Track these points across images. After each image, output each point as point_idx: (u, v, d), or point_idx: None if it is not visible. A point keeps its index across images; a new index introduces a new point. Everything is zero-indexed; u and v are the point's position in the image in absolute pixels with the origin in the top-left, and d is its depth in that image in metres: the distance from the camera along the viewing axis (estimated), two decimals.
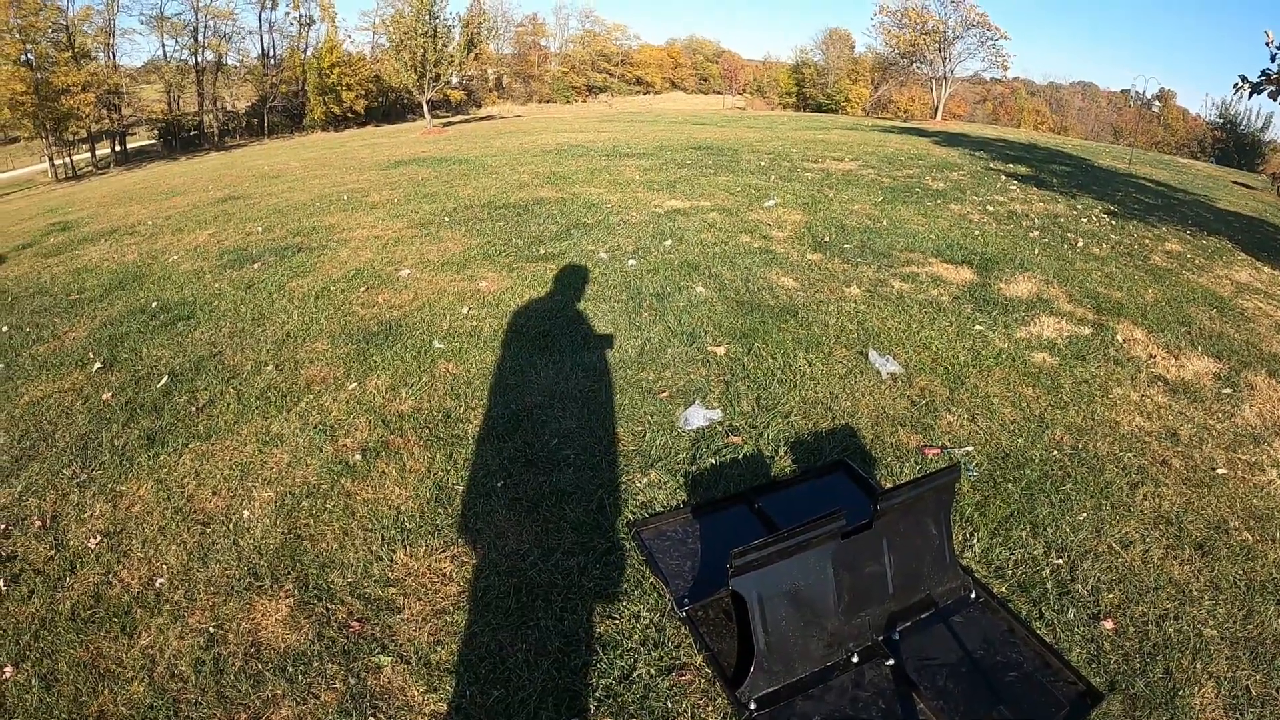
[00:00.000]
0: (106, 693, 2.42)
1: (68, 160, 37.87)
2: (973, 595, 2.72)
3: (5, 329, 5.90)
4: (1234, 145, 43.69)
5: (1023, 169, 14.84)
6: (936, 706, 2.31)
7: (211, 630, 2.66)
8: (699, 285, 6.08)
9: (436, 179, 12.38)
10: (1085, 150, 24.66)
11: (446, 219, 8.81)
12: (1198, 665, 2.51)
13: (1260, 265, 8.09)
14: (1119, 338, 5.28)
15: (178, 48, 46.43)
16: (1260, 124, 43.55)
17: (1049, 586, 2.83)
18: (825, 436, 3.85)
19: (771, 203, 9.51)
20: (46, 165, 37.93)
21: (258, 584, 2.87)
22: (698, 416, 3.97)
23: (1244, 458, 3.85)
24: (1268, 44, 8.03)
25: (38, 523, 3.32)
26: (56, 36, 38.64)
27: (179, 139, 45.31)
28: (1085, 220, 9.45)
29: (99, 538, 3.18)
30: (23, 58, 35.94)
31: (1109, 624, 2.66)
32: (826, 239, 7.64)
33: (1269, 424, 4.24)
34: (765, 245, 7.36)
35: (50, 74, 36.23)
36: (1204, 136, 51.59)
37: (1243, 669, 2.51)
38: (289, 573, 2.92)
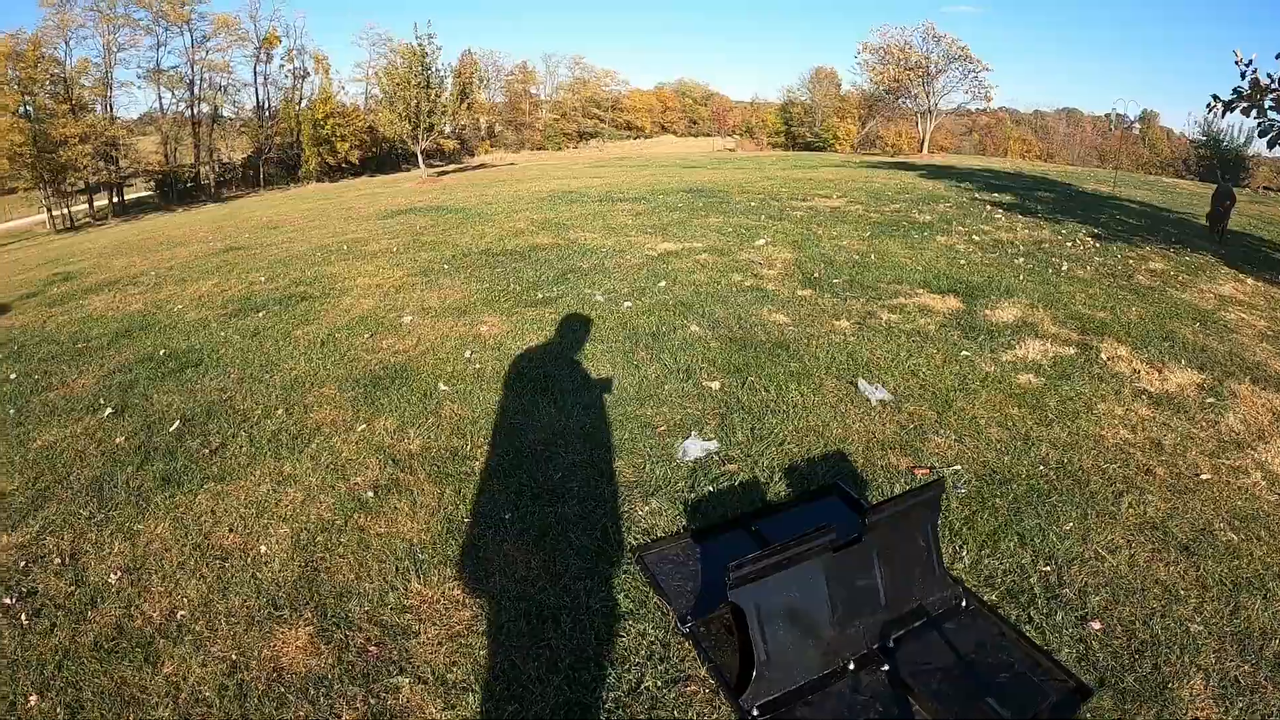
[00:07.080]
0: (131, 718, 2.53)
1: (65, 211, 38.17)
2: (963, 604, 2.84)
3: (14, 376, 6.04)
4: (1218, 162, 43.92)
5: (1008, 198, 15.10)
6: (931, 706, 2.42)
7: (234, 658, 2.77)
8: (693, 324, 6.23)
9: (434, 228, 12.63)
10: (1070, 176, 25.03)
11: (446, 266, 9.01)
12: (1186, 659, 2.62)
13: (1244, 278, 8.30)
14: (1103, 356, 5.43)
15: (174, 100, 47.18)
16: (1242, 139, 43.50)
17: (1037, 592, 2.95)
18: (818, 462, 3.98)
19: (762, 242, 9.73)
20: (45, 216, 38.27)
21: (277, 614, 2.99)
22: (695, 448, 4.10)
23: (1228, 462, 3.99)
24: (1237, 63, 8.28)
25: (57, 560, 3.43)
26: (54, 89, 39.22)
27: (176, 190, 45.70)
28: (1070, 245, 9.66)
29: (119, 573, 3.30)
30: (21, 109, 36.46)
31: (1097, 624, 2.78)
32: (816, 275, 7.83)
33: (1253, 429, 4.38)
34: (756, 283, 7.54)
35: (48, 125, 36.69)
36: (1188, 155, 51.96)
37: (1230, 660, 2.62)
38: (308, 603, 3.04)
